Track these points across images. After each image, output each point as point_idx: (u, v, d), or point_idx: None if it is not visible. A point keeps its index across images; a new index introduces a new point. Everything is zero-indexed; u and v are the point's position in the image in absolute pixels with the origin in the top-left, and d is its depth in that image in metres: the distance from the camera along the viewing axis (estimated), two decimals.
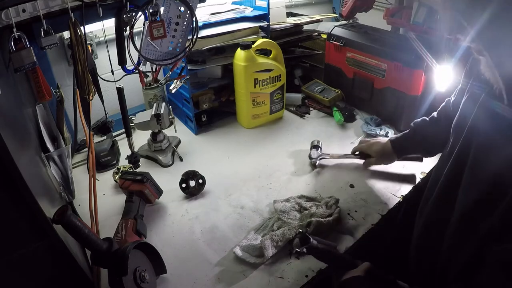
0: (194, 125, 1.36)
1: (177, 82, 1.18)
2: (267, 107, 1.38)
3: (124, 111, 1.00)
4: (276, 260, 0.84)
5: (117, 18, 0.88)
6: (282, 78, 1.35)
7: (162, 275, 0.82)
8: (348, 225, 0.92)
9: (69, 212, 0.64)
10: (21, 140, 0.71)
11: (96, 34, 1.25)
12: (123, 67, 0.98)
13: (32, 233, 0.62)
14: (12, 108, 0.74)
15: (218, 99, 1.39)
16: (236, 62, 1.26)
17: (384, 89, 1.31)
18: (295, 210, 0.95)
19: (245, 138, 1.34)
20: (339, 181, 1.09)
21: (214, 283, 0.80)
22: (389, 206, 0.98)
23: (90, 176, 0.93)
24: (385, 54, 1.25)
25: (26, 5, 0.73)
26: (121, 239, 0.84)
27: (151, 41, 0.93)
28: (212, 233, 0.93)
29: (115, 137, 1.29)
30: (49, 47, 0.80)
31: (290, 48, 1.56)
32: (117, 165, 1.19)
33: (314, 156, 1.16)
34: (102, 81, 0.96)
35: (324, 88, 1.51)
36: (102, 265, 0.75)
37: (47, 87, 0.92)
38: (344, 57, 1.40)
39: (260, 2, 1.37)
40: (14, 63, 0.74)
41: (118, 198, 1.04)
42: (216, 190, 1.08)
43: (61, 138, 1.06)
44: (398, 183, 1.07)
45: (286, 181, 1.11)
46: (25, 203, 0.57)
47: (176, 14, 0.95)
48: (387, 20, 1.54)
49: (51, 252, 0.66)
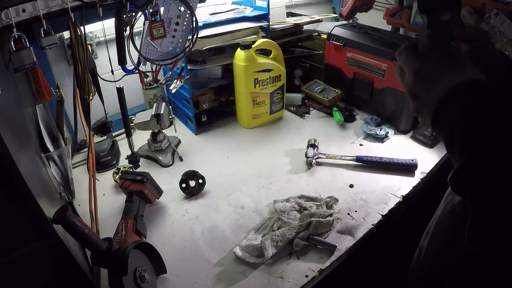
0: (194, 125, 1.36)
1: (177, 82, 1.18)
2: (267, 107, 1.38)
3: (124, 111, 1.00)
4: (276, 260, 0.84)
5: (117, 18, 0.88)
6: (282, 78, 1.35)
7: (162, 275, 0.82)
8: (348, 225, 0.92)
9: (69, 212, 0.64)
10: (21, 140, 0.71)
11: (96, 34, 1.25)
12: (123, 67, 0.98)
13: (32, 233, 0.62)
14: (12, 108, 0.74)
15: (218, 99, 1.39)
16: (236, 62, 1.26)
17: (384, 89, 1.31)
18: (295, 210, 0.95)
19: (245, 138, 1.34)
20: (339, 181, 1.09)
21: (214, 283, 0.80)
22: (389, 206, 0.98)
23: (90, 176, 0.93)
24: (385, 54, 1.25)
25: (26, 5, 0.73)
26: (121, 239, 0.84)
27: (151, 41, 0.93)
28: (212, 233, 0.93)
29: (115, 137, 1.29)
30: (49, 47, 0.80)
31: (290, 48, 1.56)
32: (117, 165, 1.19)
33: (310, 155, 1.16)
34: (102, 81, 0.97)
35: (324, 88, 1.51)
36: (102, 265, 0.75)
37: (47, 87, 0.92)
38: (344, 57, 1.40)
39: (260, 2, 1.36)
40: (14, 63, 0.74)
41: (118, 198, 1.04)
42: (216, 190, 1.08)
43: (61, 138, 1.05)
44: (398, 183, 1.07)
45: (286, 181, 1.11)
46: (25, 203, 0.57)
47: (176, 14, 0.95)
48: (387, 20, 1.54)
49: (51, 252, 0.66)
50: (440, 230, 0.75)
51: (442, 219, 0.74)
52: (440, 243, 0.74)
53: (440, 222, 0.75)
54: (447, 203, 0.72)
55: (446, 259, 0.71)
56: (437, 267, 0.74)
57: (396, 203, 0.99)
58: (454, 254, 0.67)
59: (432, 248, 0.77)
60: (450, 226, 0.69)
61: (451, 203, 0.70)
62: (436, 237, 0.76)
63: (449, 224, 0.70)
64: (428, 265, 0.77)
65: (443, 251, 0.72)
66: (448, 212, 0.71)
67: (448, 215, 0.71)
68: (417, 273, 0.82)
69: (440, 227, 0.75)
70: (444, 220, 0.73)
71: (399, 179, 1.09)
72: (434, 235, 0.76)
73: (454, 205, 0.68)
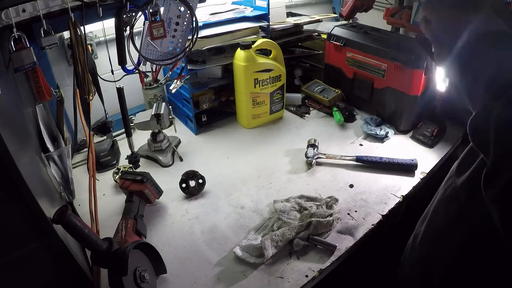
0: (194, 125, 1.36)
1: (177, 82, 1.18)
2: (267, 107, 1.38)
3: (124, 111, 1.00)
4: (276, 260, 0.84)
5: (117, 18, 0.88)
6: (282, 78, 1.35)
7: (162, 275, 0.82)
8: (348, 225, 0.92)
9: (69, 212, 0.64)
10: (21, 140, 0.71)
11: (96, 34, 1.25)
12: (123, 67, 0.98)
13: (32, 233, 0.62)
14: (12, 108, 0.74)
15: (218, 99, 1.39)
16: (236, 62, 1.26)
17: (384, 89, 1.31)
18: (295, 210, 0.95)
19: (245, 138, 1.34)
20: (339, 181, 1.09)
21: (214, 283, 0.80)
22: (389, 206, 0.98)
23: (90, 176, 0.93)
24: (385, 54, 1.25)
25: (26, 5, 0.73)
26: (121, 239, 0.84)
27: (151, 41, 0.93)
28: (212, 233, 0.93)
29: (115, 137, 1.29)
30: (49, 47, 0.80)
31: (290, 48, 1.56)
32: (117, 165, 1.19)
33: (310, 155, 1.16)
34: (102, 81, 0.96)
35: (324, 88, 1.51)
36: (102, 265, 0.75)
37: (47, 87, 0.92)
38: (344, 57, 1.40)
39: (260, 2, 1.36)
40: (14, 63, 0.74)
41: (118, 198, 1.04)
42: (216, 190, 1.08)
43: (61, 138, 1.05)
44: (398, 183, 1.07)
45: (286, 181, 1.11)
46: (25, 203, 0.57)
47: (176, 14, 0.95)
48: (387, 20, 1.54)
49: (51, 252, 0.66)
50: (439, 213, 0.75)
51: (442, 202, 0.75)
52: (438, 228, 0.75)
53: (439, 206, 0.76)
54: (447, 187, 0.73)
55: (443, 243, 0.72)
56: (433, 252, 0.75)
57: (396, 203, 0.99)
58: (453, 237, 0.69)
59: (429, 232, 0.78)
60: (452, 208, 0.70)
61: (452, 186, 0.71)
62: (433, 221, 0.77)
63: (451, 206, 0.71)
64: (423, 250, 0.78)
65: (440, 235, 0.74)
66: (449, 195, 0.72)
67: (449, 197, 0.72)
68: (411, 260, 0.83)
69: (439, 211, 0.76)
70: (445, 203, 0.73)
71: (399, 179, 1.09)
72: (432, 220, 0.77)
73: (455, 187, 0.69)
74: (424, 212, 0.82)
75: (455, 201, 0.69)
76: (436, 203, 0.77)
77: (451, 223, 0.70)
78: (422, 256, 0.79)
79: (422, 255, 0.79)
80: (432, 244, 0.76)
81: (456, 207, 0.68)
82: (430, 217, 0.78)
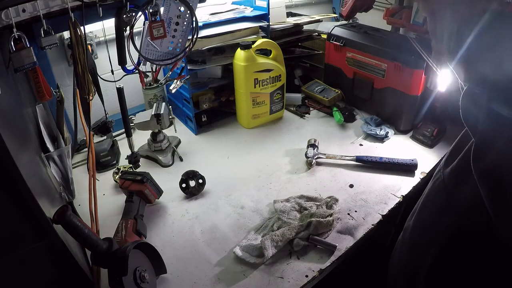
0: (194, 125, 1.36)
1: (177, 82, 1.18)
2: (267, 107, 1.38)
3: (124, 111, 1.00)
4: (276, 260, 0.84)
5: (117, 18, 0.88)
6: (282, 78, 1.35)
7: (162, 275, 0.82)
8: (348, 225, 0.92)
9: (69, 212, 0.64)
10: (21, 140, 0.71)
11: (96, 34, 1.25)
12: (123, 67, 0.98)
13: (32, 233, 0.62)
14: (12, 108, 0.74)
15: (218, 99, 1.39)
16: (236, 62, 1.26)
17: (384, 89, 1.31)
18: (295, 210, 0.95)
19: (245, 138, 1.34)
20: (339, 181, 1.09)
21: (214, 283, 0.80)
22: (389, 206, 0.98)
23: (90, 176, 0.93)
24: (385, 54, 1.25)
25: (26, 5, 0.73)
26: (121, 239, 0.84)
27: (151, 41, 0.93)
28: (212, 233, 0.93)
29: (115, 137, 1.29)
30: (49, 47, 0.80)
31: (290, 48, 1.56)
32: (117, 165, 1.19)
33: (310, 155, 1.16)
34: (102, 81, 0.96)
35: (324, 88, 1.51)
36: (102, 265, 0.75)
37: (47, 87, 0.92)
38: (344, 57, 1.40)
39: (260, 2, 1.37)
40: (14, 63, 0.74)
41: (118, 198, 1.04)
42: (216, 190, 1.08)
43: (61, 138, 1.05)
44: (398, 183, 1.07)
45: (286, 181, 1.11)
46: (25, 203, 0.57)
47: (176, 14, 0.95)
48: (387, 20, 1.54)
49: (51, 252, 0.66)
50: (427, 206, 0.79)
51: (430, 194, 0.78)
52: (426, 219, 0.79)
53: (427, 199, 0.79)
54: (435, 180, 0.76)
55: (432, 233, 0.75)
56: (422, 242, 0.78)
57: (396, 203, 0.99)
58: (440, 225, 0.72)
59: (418, 225, 0.81)
60: (440, 197, 0.73)
61: (440, 178, 0.74)
62: (422, 214, 0.81)
63: (439, 196, 0.74)
64: (413, 241, 0.82)
65: (428, 224, 0.77)
66: (437, 186, 0.75)
67: (437, 188, 0.75)
68: (401, 254, 0.85)
69: (427, 204, 0.79)
70: (433, 194, 0.77)
71: (399, 179, 1.09)
72: (421, 212, 0.81)
73: (443, 178, 0.73)
74: (413, 209, 0.84)
75: (443, 190, 0.71)
76: (425, 197, 0.80)
77: (439, 212, 0.73)
78: (411, 246, 0.81)
79: (410, 245, 0.81)
80: (421, 234, 0.79)
81: (444, 195, 0.71)
82: (419, 210, 0.81)
